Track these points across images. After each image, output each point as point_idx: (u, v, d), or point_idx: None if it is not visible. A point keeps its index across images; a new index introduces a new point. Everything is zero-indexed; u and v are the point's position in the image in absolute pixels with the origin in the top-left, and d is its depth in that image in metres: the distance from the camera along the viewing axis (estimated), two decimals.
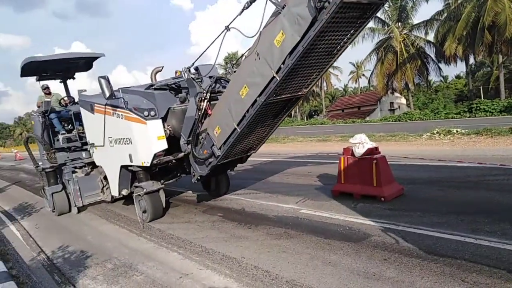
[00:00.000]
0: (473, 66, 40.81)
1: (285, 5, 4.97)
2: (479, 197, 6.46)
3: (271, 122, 6.76)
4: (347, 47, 5.51)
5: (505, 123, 16.91)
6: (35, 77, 10.67)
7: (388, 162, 7.42)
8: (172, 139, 7.52)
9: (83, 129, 9.73)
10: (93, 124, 8.84)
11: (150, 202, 7.85)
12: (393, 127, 21.50)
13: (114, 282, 5.10)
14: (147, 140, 7.31)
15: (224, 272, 4.90)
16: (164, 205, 8.16)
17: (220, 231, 6.62)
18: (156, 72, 9.25)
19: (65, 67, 10.50)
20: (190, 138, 7.05)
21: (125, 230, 7.71)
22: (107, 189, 9.66)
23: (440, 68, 39.52)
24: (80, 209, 9.88)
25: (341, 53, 5.60)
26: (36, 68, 9.91)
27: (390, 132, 18.41)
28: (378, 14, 33.92)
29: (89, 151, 9.81)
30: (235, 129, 6.19)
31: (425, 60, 40.76)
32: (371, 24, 32.08)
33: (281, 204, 7.80)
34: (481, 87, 35.30)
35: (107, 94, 7.33)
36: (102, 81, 7.33)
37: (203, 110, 6.67)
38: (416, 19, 41.63)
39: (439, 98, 36.15)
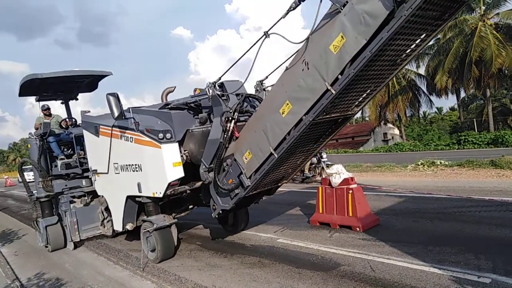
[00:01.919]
0: (465, 99, 40.52)
1: (346, 2, 3.84)
2: (450, 228, 6.41)
3: (310, 147, 5.52)
4: (413, 57, 4.37)
5: (490, 155, 16.45)
6: (34, 97, 9.42)
7: (369, 192, 7.60)
8: (188, 166, 6.24)
9: (85, 154, 8.39)
10: (96, 149, 7.53)
11: (160, 240, 6.45)
12: (382, 158, 20.89)
13: None
14: (161, 167, 6.01)
15: None
16: (175, 243, 6.76)
17: (196, 259, 6.52)
18: (168, 93, 8.06)
19: (68, 87, 9.28)
20: (212, 165, 5.76)
21: (102, 258, 7.48)
22: (108, 222, 8.21)
23: (431, 101, 39.06)
24: (76, 244, 8.39)
25: (405, 65, 4.47)
26: (36, 87, 8.66)
27: (378, 163, 17.86)
28: None
29: (90, 178, 8.43)
30: (271, 154, 4.93)
31: (416, 92, 40.33)
32: None
33: (260, 233, 7.64)
34: (474, 119, 34.80)
35: (116, 114, 6.08)
36: (111, 98, 6.09)
37: (229, 132, 5.42)
38: None
39: (433, 130, 35.52)
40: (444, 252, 5.28)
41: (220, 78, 5.59)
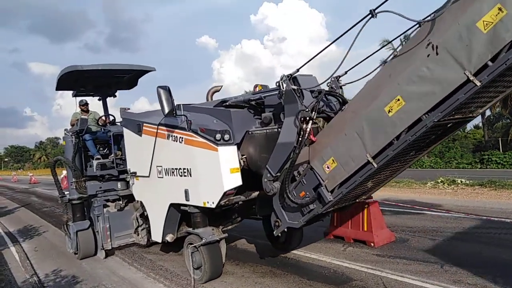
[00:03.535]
0: (491, 117, 38.51)
1: None
2: (467, 248, 6.03)
3: (409, 157, 4.32)
4: None
5: None
6: (71, 91, 8.49)
7: (386, 208, 7.42)
8: (245, 173, 5.11)
9: (122, 155, 7.37)
10: (137, 149, 6.48)
11: (208, 257, 5.30)
12: (402, 173, 19.18)
13: None
14: (216, 173, 4.90)
15: None
16: (224, 261, 5.61)
17: (173, 250, 6.37)
18: (214, 92, 6.99)
19: (107, 82, 8.31)
20: (279, 173, 4.61)
21: (118, 258, 7.27)
22: (142, 230, 7.12)
23: None
24: (107, 253, 7.31)
25: None
26: (75, 80, 7.71)
27: (397, 178, 16.39)
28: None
29: (126, 181, 7.38)
30: (367, 163, 3.77)
31: None
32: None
33: None
34: (499, 139, 32.95)
35: (166, 109, 5.05)
36: (162, 92, 5.06)
37: (306, 135, 4.27)
38: None
39: (456, 147, 33.71)
40: (461, 273, 4.95)
41: (298, 70, 4.46)
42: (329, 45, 4.13)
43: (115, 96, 9.03)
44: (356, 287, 4.84)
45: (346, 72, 4.76)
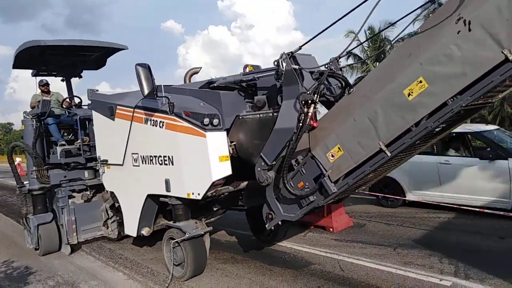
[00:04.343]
0: None
1: None
2: (418, 232, 6.24)
3: (418, 146, 3.95)
4: None
5: None
6: (30, 70, 7.48)
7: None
8: (233, 161, 4.59)
9: (90, 141, 6.56)
10: (109, 134, 5.73)
11: (191, 252, 4.74)
12: None
13: None
14: (204, 161, 4.34)
15: None
16: (207, 256, 5.07)
17: (147, 243, 6.20)
18: (192, 74, 6.32)
19: (72, 61, 7.37)
20: (275, 162, 4.13)
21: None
22: (113, 222, 6.43)
23: None
24: (73, 248, 6.52)
25: None
26: (35, 58, 6.73)
27: None
28: (357, 52, 32.09)
29: (93, 170, 6.60)
30: (379, 151, 3.37)
31: None
32: (350, 60, 30.23)
33: (235, 230, 7.17)
34: None
35: (146, 90, 4.40)
36: (141, 70, 4.40)
37: (308, 120, 3.80)
38: None
39: None
40: (411, 255, 5.22)
41: (300, 48, 3.96)
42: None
43: (80, 77, 8.09)
44: (314, 270, 5.01)
45: (349, 52, 4.34)
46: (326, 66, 4.41)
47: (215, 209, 5.68)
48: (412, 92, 3.07)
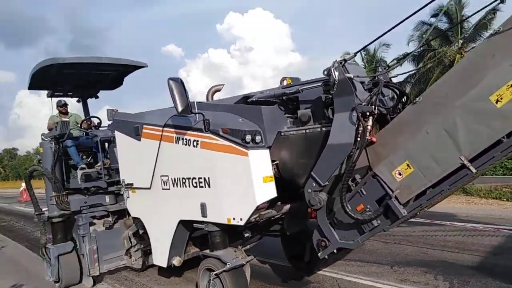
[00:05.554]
0: None
1: None
2: (415, 250, 6.30)
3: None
4: None
5: None
6: (35, 96, 7.12)
7: None
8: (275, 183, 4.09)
9: (111, 163, 6.10)
10: (134, 156, 5.24)
11: (233, 285, 4.19)
12: None
13: None
14: (246, 183, 3.83)
15: None
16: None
17: (168, 272, 5.91)
18: (215, 92, 5.89)
19: (89, 80, 6.98)
20: (328, 183, 3.63)
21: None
22: (136, 251, 5.88)
23: None
24: (95, 280, 5.97)
25: None
26: (52, 77, 6.34)
27: None
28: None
29: (114, 194, 6.12)
30: (461, 167, 2.87)
31: None
32: None
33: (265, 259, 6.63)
34: None
35: (180, 107, 3.94)
36: (174, 85, 3.96)
37: (366, 134, 3.33)
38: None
39: None
40: (408, 272, 5.28)
41: (355, 55, 3.52)
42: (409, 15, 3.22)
43: (97, 97, 7.68)
44: None
45: (399, 61, 3.90)
46: (376, 77, 3.98)
47: (246, 235, 5.13)
48: (501, 98, 2.60)
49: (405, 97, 3.83)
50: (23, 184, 11.44)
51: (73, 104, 7.68)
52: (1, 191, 41.53)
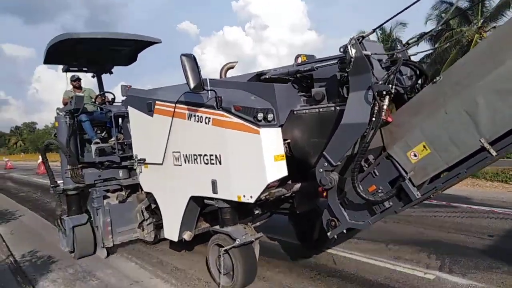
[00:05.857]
0: None
1: None
2: (412, 230, 6.38)
3: None
4: None
5: None
6: (52, 71, 7.17)
7: None
8: (286, 161, 4.04)
9: (125, 138, 6.14)
10: (147, 132, 5.26)
11: (242, 261, 4.23)
12: None
13: (71, 285, 5.06)
14: (258, 161, 3.80)
15: (171, 281, 4.90)
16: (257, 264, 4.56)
17: (179, 246, 6.01)
18: (228, 69, 5.78)
19: (104, 56, 6.95)
20: (340, 163, 3.57)
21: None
22: (148, 224, 5.99)
23: None
24: (109, 251, 6.13)
25: None
26: (67, 52, 6.33)
27: None
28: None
29: (128, 169, 6.18)
30: (481, 150, 2.77)
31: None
32: None
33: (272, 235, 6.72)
34: None
35: (193, 83, 3.88)
36: (186, 61, 3.89)
37: (383, 113, 3.23)
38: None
39: None
40: (402, 250, 5.36)
41: (374, 31, 3.38)
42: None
43: (111, 72, 7.66)
44: (309, 263, 5.18)
45: (411, 43, 3.74)
46: (394, 55, 3.83)
47: (256, 212, 5.14)
48: None
49: (424, 77, 3.67)
50: (40, 157, 11.73)
51: (89, 79, 7.72)
52: (21, 164, 42.39)
